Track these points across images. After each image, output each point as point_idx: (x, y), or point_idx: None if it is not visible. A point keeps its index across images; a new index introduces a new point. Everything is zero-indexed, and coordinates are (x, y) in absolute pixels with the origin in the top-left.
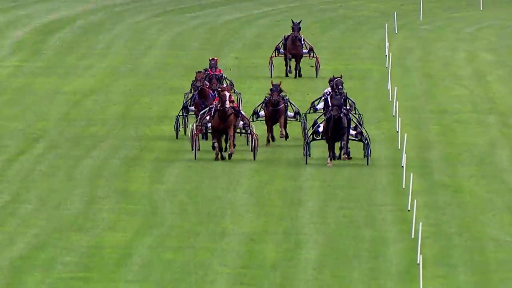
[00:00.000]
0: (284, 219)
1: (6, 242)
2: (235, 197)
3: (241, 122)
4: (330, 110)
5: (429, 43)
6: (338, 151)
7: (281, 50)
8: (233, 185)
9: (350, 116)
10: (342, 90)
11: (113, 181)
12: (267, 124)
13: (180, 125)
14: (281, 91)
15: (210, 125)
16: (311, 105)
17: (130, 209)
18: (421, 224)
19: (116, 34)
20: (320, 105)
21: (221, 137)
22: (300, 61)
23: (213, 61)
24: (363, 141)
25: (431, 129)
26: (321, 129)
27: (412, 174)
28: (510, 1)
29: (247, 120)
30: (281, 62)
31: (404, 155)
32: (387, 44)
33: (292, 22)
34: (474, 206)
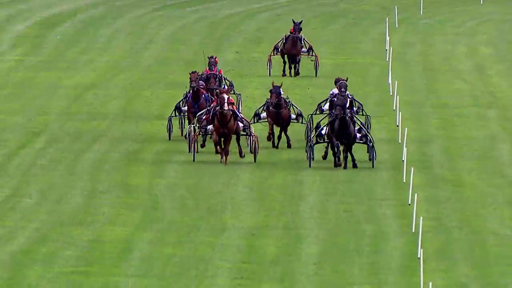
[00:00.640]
0: (285, 214)
1: (7, 236)
2: (235, 192)
3: (240, 124)
4: (333, 111)
5: (429, 37)
6: (343, 159)
7: (280, 49)
8: (234, 179)
9: (355, 120)
10: (346, 93)
11: (113, 176)
12: (270, 123)
13: (172, 126)
14: (280, 93)
15: (209, 128)
16: (317, 107)
17: (131, 203)
18: (421, 218)
19: (117, 28)
20: (327, 106)
21: (221, 139)
22: (299, 62)
23: (212, 59)
24: (368, 144)
25: (431, 123)
26: (324, 131)
27: (412, 169)
28: None
29: (246, 122)
30: (279, 61)
31: (405, 149)
32: (387, 38)
33: (293, 22)
34: (475, 200)
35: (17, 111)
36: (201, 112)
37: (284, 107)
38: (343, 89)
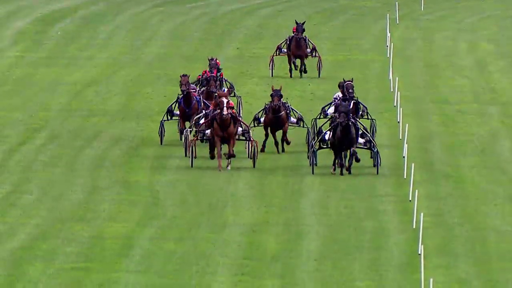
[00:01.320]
0: (285, 210)
1: (8, 232)
2: (236, 188)
3: (240, 129)
4: (337, 117)
5: (430, 33)
6: (346, 162)
7: (283, 50)
8: (234, 176)
9: (358, 126)
10: (353, 94)
11: (114, 172)
12: (265, 129)
13: (165, 130)
14: (281, 96)
15: (208, 132)
16: (321, 111)
17: (131, 199)
18: (422, 214)
19: (118, 25)
20: (331, 110)
21: (221, 143)
22: (305, 61)
23: (212, 61)
24: (372, 149)
25: (432, 119)
26: (327, 136)
27: (413, 165)
28: None
29: (246, 126)
30: (281, 62)
31: (406, 145)
32: (388, 34)
33: (296, 23)
34: (476, 196)
35: (17, 107)
36: (198, 116)
37: (283, 110)
38: (350, 90)
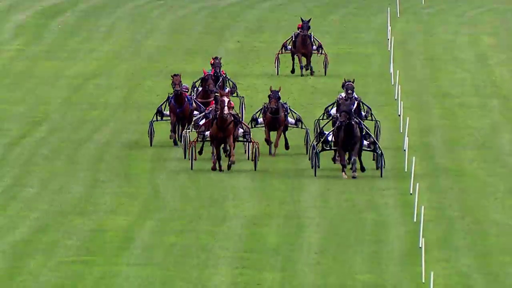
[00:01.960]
0: (286, 203)
1: (9, 225)
2: (237, 181)
3: (240, 130)
4: (339, 117)
5: (431, 27)
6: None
7: (289, 47)
8: (235, 169)
9: (362, 126)
10: (352, 95)
11: (115, 165)
12: (266, 128)
13: (154, 130)
14: (279, 98)
15: (208, 133)
16: (324, 111)
17: (132, 192)
18: (423, 207)
19: (118, 18)
20: (334, 110)
21: (219, 146)
22: (311, 59)
23: (217, 60)
24: (376, 152)
25: (433, 112)
26: (330, 137)
27: (414, 158)
28: None
29: (247, 128)
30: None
31: (406, 139)
32: (389, 27)
33: (302, 20)
34: (476, 190)
35: (18, 100)
36: (197, 117)
37: (282, 111)
38: (349, 91)
